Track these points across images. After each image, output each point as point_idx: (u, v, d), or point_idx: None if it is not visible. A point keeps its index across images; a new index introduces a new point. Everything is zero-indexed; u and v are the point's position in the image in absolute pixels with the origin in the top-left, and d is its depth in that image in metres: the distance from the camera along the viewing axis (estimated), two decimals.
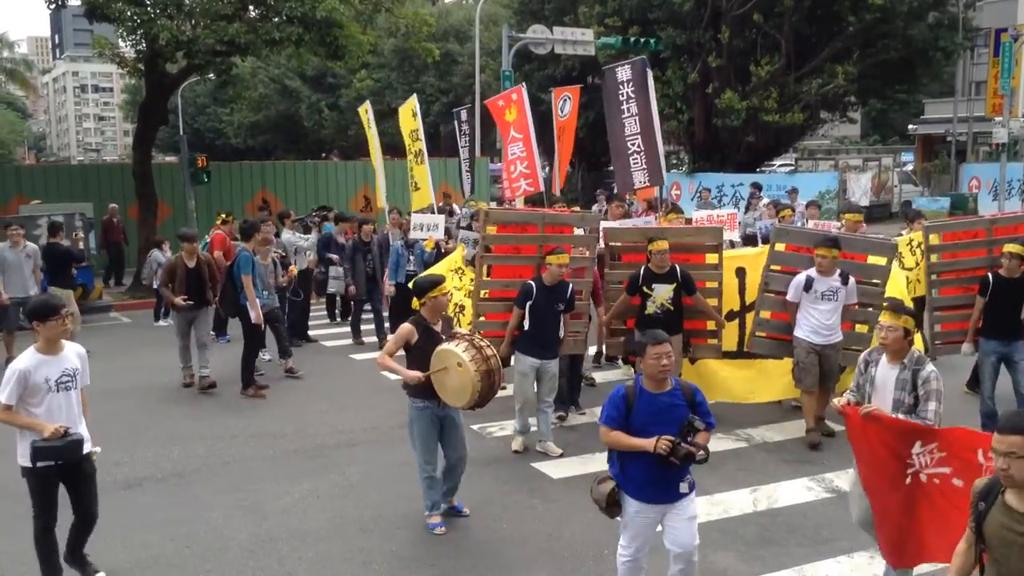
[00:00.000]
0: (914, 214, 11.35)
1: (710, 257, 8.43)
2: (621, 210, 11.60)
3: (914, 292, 9.27)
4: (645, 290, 7.90)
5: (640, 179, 11.96)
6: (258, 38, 16.13)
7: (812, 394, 7.75)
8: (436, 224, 11.95)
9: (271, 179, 24.02)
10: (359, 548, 5.97)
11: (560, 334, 7.70)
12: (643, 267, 7.98)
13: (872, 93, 30.03)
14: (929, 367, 4.87)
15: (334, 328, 13.97)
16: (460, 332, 6.08)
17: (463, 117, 19.57)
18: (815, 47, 25.69)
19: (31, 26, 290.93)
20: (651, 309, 7.89)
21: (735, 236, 11.36)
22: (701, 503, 5.79)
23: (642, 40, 21.75)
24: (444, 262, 10.25)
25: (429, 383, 5.80)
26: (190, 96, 50.93)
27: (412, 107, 14.74)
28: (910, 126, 45.53)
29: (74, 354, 5.21)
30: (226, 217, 14.82)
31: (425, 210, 13.92)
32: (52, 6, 17.27)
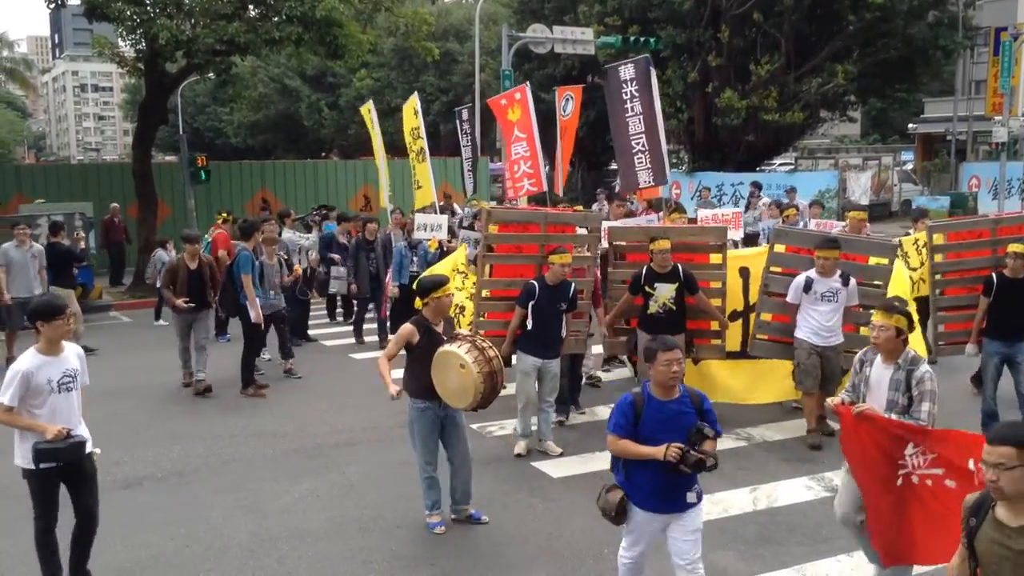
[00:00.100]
0: (919, 213, 11.31)
1: (714, 257, 8.39)
2: (622, 210, 11.59)
3: (918, 292, 9.22)
4: (647, 289, 7.89)
5: (645, 178, 11.91)
6: (258, 37, 16.13)
7: (813, 396, 7.72)
8: (440, 224, 11.90)
9: (271, 178, 24.03)
10: (359, 547, 5.97)
11: (562, 333, 7.70)
12: (645, 266, 7.97)
13: (872, 92, 29.99)
14: (923, 367, 4.84)
15: (334, 328, 13.97)
16: (462, 333, 6.06)
17: (464, 116, 19.53)
18: (815, 46, 25.67)
19: (31, 25, 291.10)
20: (653, 308, 7.88)
21: (739, 236, 11.31)
22: None
23: (642, 39, 21.71)
24: (446, 261, 10.23)
25: (430, 383, 5.80)
26: (190, 95, 50.91)
27: (414, 105, 14.74)
28: (910, 125, 45.50)
29: (74, 355, 5.21)
30: (227, 216, 14.82)
31: (428, 209, 13.91)
32: (52, 5, 17.27)
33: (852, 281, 7.62)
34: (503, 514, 6.33)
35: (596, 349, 10.11)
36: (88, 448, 5.18)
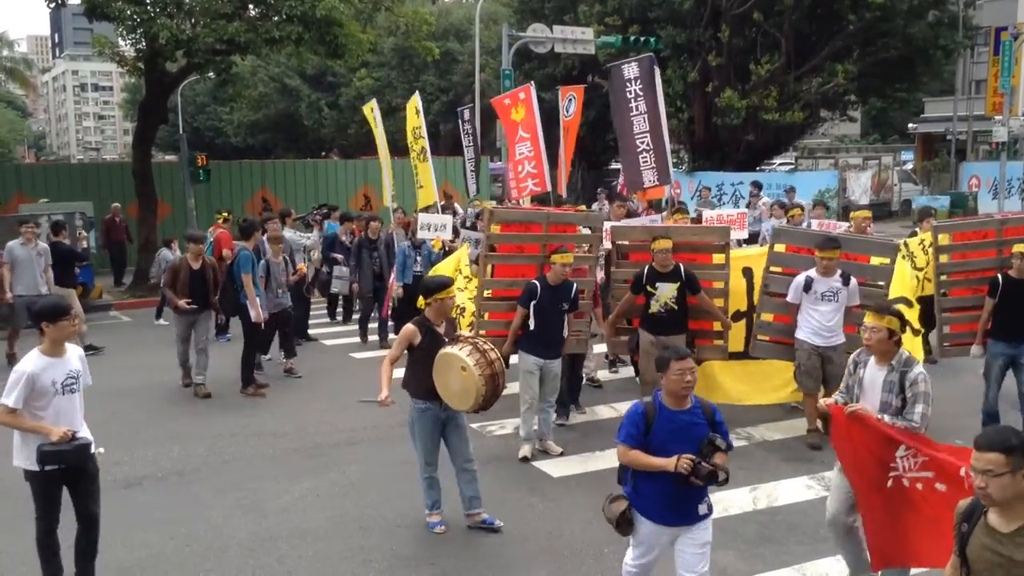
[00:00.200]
0: (924, 213, 11.23)
1: (717, 257, 8.34)
2: (623, 210, 11.56)
3: (922, 291, 9.17)
4: (649, 289, 7.87)
5: (650, 178, 11.86)
6: (258, 37, 16.13)
7: (814, 397, 7.70)
8: (444, 224, 11.85)
9: (271, 178, 24.02)
10: (359, 547, 5.98)
11: (564, 334, 7.69)
12: (647, 266, 7.96)
13: (872, 92, 29.99)
14: (917, 369, 4.80)
15: (334, 327, 13.97)
16: (464, 335, 6.06)
17: (466, 116, 19.50)
18: (815, 46, 25.67)
19: (31, 25, 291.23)
20: (655, 308, 7.86)
21: (744, 236, 11.26)
22: None
23: (642, 39, 21.71)
24: (448, 260, 10.22)
25: (431, 384, 5.79)
26: (190, 95, 50.92)
27: (415, 105, 14.75)
28: (910, 125, 45.48)
29: (76, 356, 5.18)
30: (227, 216, 14.82)
31: (431, 208, 13.89)
32: (52, 5, 17.28)
33: (853, 281, 7.58)
34: (503, 514, 6.32)
35: (598, 348, 10.11)
36: (92, 448, 5.13)
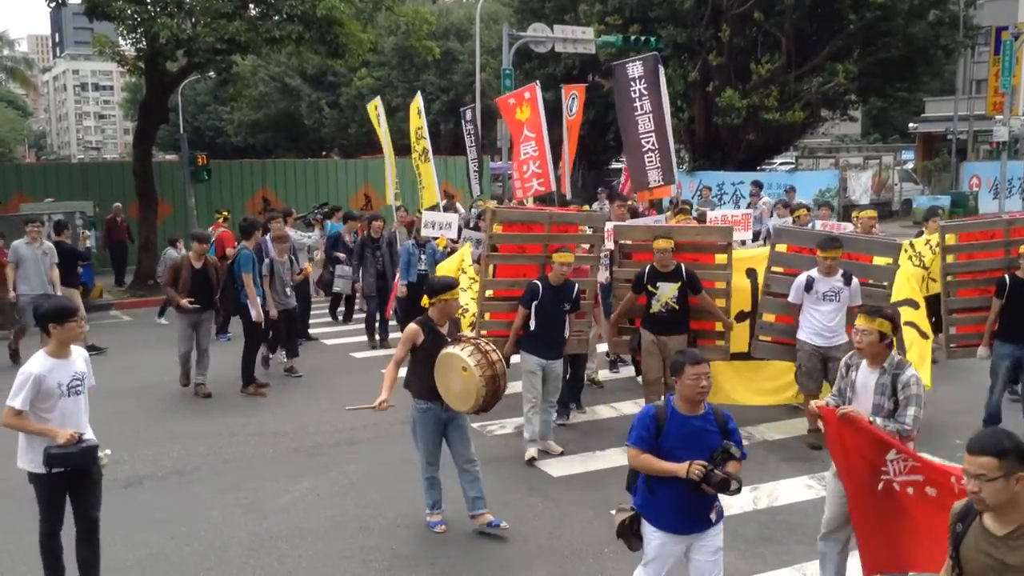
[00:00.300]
0: (930, 213, 11.18)
1: (719, 257, 8.30)
2: (623, 210, 11.56)
3: (927, 291, 9.12)
4: (650, 288, 7.86)
5: (655, 178, 11.81)
6: (258, 36, 16.13)
7: (815, 398, 7.68)
8: (449, 223, 11.80)
9: (271, 177, 24.03)
10: (359, 546, 5.98)
11: (565, 334, 7.69)
12: (648, 265, 7.95)
13: (873, 91, 29.98)
14: (909, 371, 4.78)
15: (335, 327, 13.96)
16: (466, 336, 6.04)
17: (468, 117, 19.48)
18: (816, 45, 25.66)
19: (31, 24, 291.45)
20: (656, 308, 7.85)
21: (748, 236, 11.24)
22: None
23: (643, 38, 21.72)
24: (452, 259, 10.20)
25: (433, 384, 5.79)
26: (190, 94, 50.93)
27: (417, 106, 14.76)
28: (910, 124, 45.47)
29: (81, 358, 5.13)
30: (227, 215, 14.83)
31: (435, 208, 13.88)
32: (52, 4, 17.27)
33: (855, 280, 7.53)
34: (503, 513, 6.32)
35: (600, 348, 10.11)
36: (99, 451, 5.07)
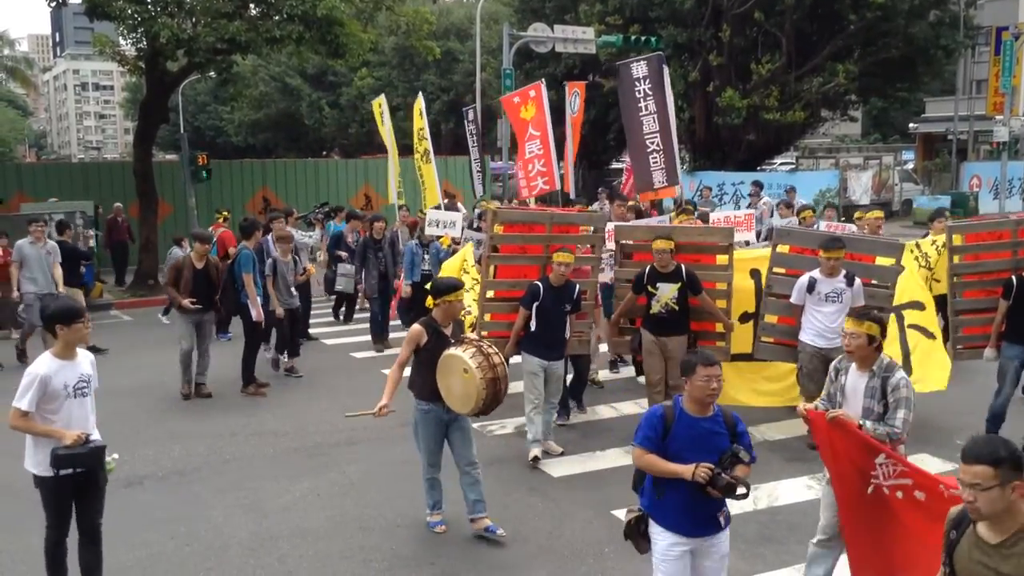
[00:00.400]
0: (936, 213, 11.15)
1: (720, 258, 8.28)
2: (623, 210, 11.56)
3: (933, 291, 9.10)
4: (650, 289, 7.86)
5: (660, 179, 11.77)
6: (259, 36, 16.14)
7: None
8: (453, 222, 11.77)
9: (272, 177, 24.04)
10: (359, 546, 5.98)
11: (566, 335, 7.68)
12: (648, 266, 7.95)
13: (873, 91, 30.00)
14: (899, 374, 4.77)
15: (335, 327, 13.96)
16: (469, 337, 6.03)
17: (471, 117, 19.47)
18: (816, 45, 25.68)
19: (32, 24, 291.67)
20: (656, 308, 7.84)
21: (751, 236, 11.22)
22: None
23: (643, 38, 21.71)
24: (454, 259, 10.19)
25: (435, 385, 5.79)
26: (191, 94, 50.94)
27: (419, 107, 14.78)
28: (911, 124, 45.46)
29: (87, 360, 5.09)
30: (227, 215, 14.83)
31: (437, 208, 13.87)
32: (53, 4, 17.29)
33: (857, 281, 7.48)
34: (504, 513, 6.32)
35: (601, 348, 10.10)
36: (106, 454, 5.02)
